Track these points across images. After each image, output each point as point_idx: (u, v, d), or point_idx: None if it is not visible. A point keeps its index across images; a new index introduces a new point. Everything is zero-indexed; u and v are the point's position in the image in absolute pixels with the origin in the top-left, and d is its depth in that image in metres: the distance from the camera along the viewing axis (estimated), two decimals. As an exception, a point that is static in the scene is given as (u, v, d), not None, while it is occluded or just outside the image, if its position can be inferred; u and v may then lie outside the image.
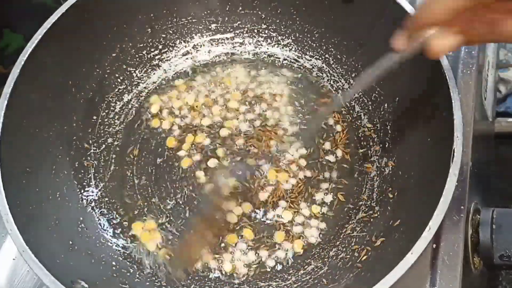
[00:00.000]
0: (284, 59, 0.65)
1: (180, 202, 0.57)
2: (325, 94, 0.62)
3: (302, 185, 0.57)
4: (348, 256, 0.51)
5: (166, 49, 0.65)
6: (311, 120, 0.60)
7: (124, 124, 0.62)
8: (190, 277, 0.52)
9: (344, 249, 0.52)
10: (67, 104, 0.58)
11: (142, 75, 0.64)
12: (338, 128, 0.59)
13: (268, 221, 0.55)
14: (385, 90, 0.58)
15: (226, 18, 0.66)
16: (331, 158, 0.58)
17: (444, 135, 0.46)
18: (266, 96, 0.62)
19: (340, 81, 0.62)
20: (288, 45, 0.65)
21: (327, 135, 0.59)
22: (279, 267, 0.53)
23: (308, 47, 0.64)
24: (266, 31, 0.65)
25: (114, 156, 0.60)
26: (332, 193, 0.56)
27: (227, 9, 0.65)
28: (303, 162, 0.58)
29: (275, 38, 0.65)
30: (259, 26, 0.65)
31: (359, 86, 0.48)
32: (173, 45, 0.66)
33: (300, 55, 0.65)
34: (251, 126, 0.60)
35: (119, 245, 0.54)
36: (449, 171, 0.44)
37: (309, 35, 0.64)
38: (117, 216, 0.56)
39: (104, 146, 0.60)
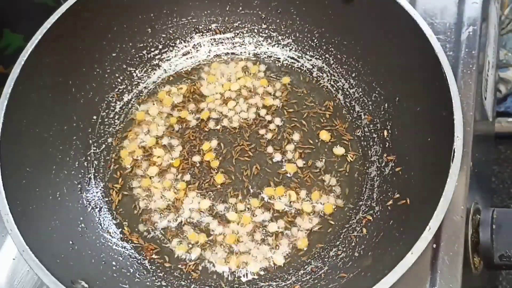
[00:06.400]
0: (284, 59, 0.65)
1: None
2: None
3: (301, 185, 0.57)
4: (348, 256, 0.51)
5: (166, 49, 0.65)
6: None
7: (124, 124, 0.62)
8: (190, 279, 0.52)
9: (344, 249, 0.52)
10: (67, 104, 0.58)
11: (142, 75, 0.64)
12: (338, 128, 0.59)
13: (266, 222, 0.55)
14: (385, 90, 0.58)
15: (226, 18, 0.66)
16: (331, 158, 0.58)
17: (444, 135, 0.46)
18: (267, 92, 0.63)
19: (340, 81, 0.62)
20: (288, 45, 0.65)
21: (326, 136, 0.59)
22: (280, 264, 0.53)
23: (308, 47, 0.64)
24: (266, 31, 0.65)
25: (114, 156, 0.60)
26: (332, 193, 0.56)
27: (227, 9, 0.65)
28: (301, 163, 0.58)
29: (275, 38, 0.65)
30: (259, 26, 0.66)
31: None
32: (173, 45, 0.66)
33: (300, 55, 0.65)
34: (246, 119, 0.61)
35: (119, 245, 0.54)
36: (449, 171, 0.44)
37: (309, 35, 0.64)
38: (117, 216, 0.56)
39: (104, 146, 0.60)
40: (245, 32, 0.66)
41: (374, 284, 0.41)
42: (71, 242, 0.51)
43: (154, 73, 0.65)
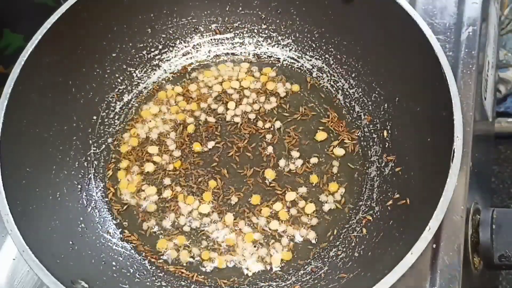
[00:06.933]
0: (284, 60, 0.65)
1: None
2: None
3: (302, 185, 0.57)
4: (348, 256, 0.51)
5: (166, 49, 0.65)
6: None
7: (124, 124, 0.62)
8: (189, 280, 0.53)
9: (344, 249, 0.52)
10: (67, 104, 0.58)
11: (142, 75, 0.64)
12: (338, 128, 0.59)
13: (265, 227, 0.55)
14: (385, 90, 0.58)
15: (226, 18, 0.66)
16: (330, 159, 0.58)
17: (444, 135, 0.46)
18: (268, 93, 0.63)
19: (340, 81, 0.62)
20: (288, 45, 0.65)
21: (326, 136, 0.59)
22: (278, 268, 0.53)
23: (308, 47, 0.64)
24: (266, 31, 0.65)
25: (114, 156, 0.60)
26: (331, 194, 0.56)
27: (227, 9, 0.65)
28: (300, 163, 0.58)
29: (275, 38, 0.65)
30: (259, 26, 0.66)
31: None
32: (173, 45, 0.66)
33: (300, 55, 0.65)
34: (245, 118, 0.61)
35: (119, 245, 0.54)
36: (449, 171, 0.44)
37: (309, 35, 0.64)
38: (117, 216, 0.56)
39: (104, 146, 0.60)
40: (245, 32, 0.66)
41: (374, 284, 0.41)
42: (71, 242, 0.51)
43: (154, 73, 0.65)
